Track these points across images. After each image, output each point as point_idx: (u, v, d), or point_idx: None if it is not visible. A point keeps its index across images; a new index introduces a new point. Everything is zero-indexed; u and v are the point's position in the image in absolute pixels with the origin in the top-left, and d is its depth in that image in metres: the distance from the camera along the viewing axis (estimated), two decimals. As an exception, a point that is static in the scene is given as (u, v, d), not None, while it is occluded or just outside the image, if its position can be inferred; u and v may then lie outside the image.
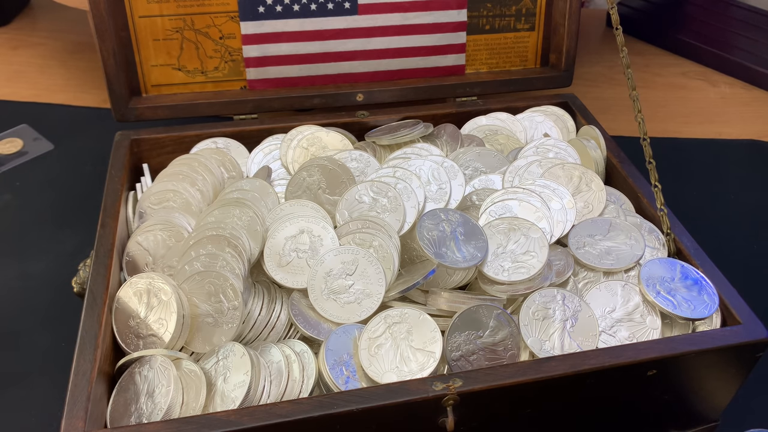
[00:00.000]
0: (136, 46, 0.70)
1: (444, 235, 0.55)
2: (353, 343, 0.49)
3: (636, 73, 0.80)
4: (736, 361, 0.50)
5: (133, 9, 0.68)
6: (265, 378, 0.47)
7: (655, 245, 0.58)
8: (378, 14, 0.73)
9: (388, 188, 0.59)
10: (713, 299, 0.52)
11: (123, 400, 0.46)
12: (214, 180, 0.63)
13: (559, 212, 0.59)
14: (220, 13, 0.71)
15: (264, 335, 0.52)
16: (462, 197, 0.61)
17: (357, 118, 0.71)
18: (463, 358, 0.49)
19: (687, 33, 1.05)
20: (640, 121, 0.59)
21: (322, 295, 0.52)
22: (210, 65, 0.73)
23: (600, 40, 1.11)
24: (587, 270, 0.56)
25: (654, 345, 0.47)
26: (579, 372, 0.45)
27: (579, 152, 0.67)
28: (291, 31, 0.72)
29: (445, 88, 0.76)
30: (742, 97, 0.97)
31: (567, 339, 0.50)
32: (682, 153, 0.86)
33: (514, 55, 0.79)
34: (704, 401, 0.53)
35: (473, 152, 0.66)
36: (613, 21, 0.59)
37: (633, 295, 0.53)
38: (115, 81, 0.68)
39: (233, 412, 0.42)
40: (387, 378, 0.47)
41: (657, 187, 0.58)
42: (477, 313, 0.50)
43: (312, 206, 0.59)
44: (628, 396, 0.50)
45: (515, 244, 0.55)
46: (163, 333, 0.48)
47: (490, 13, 0.77)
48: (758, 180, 0.83)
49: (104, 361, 0.47)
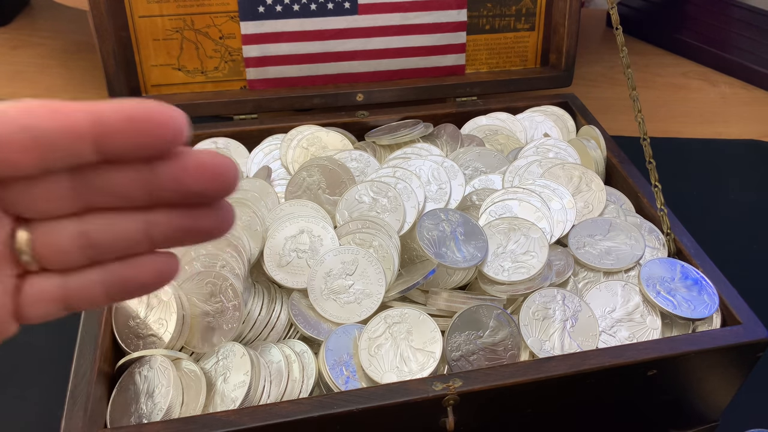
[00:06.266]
0: (136, 46, 0.70)
1: (444, 235, 0.55)
2: (353, 343, 0.49)
3: (636, 73, 0.80)
4: (736, 361, 0.50)
5: (133, 9, 0.68)
6: (265, 378, 0.47)
7: (655, 245, 0.58)
8: (378, 14, 0.73)
9: (388, 188, 0.59)
10: (713, 299, 0.52)
11: (123, 400, 0.46)
12: (214, 180, 0.63)
13: (559, 212, 0.59)
14: (220, 13, 0.71)
15: (264, 335, 0.52)
16: (462, 197, 0.61)
17: (357, 118, 0.71)
18: (463, 358, 0.49)
19: (687, 33, 1.05)
20: (640, 121, 0.59)
21: (322, 295, 0.52)
22: (210, 65, 0.73)
23: (600, 40, 1.11)
24: (587, 270, 0.56)
25: (654, 345, 0.47)
26: (579, 372, 0.45)
27: (579, 152, 0.67)
28: (291, 31, 0.72)
29: (445, 88, 0.76)
30: (742, 97, 0.97)
31: (567, 339, 0.50)
32: (682, 153, 0.86)
33: (514, 55, 0.79)
34: (704, 401, 0.53)
35: (473, 152, 0.66)
36: (613, 21, 0.59)
37: (633, 295, 0.53)
38: (115, 81, 0.68)
39: (233, 412, 0.42)
40: (387, 378, 0.47)
41: (657, 187, 0.58)
42: (477, 313, 0.50)
43: (312, 206, 0.59)
44: (628, 396, 0.50)
45: (515, 244, 0.55)
46: (163, 333, 0.48)
47: (490, 13, 0.77)
48: (758, 180, 0.83)
49: (104, 361, 0.47)
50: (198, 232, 0.25)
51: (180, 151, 0.24)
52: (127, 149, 0.23)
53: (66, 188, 0.24)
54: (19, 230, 0.25)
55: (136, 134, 0.23)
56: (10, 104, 0.23)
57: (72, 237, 0.25)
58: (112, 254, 0.26)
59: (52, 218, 0.25)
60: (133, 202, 0.25)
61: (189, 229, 0.25)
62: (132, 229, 0.25)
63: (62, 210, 0.25)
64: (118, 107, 0.23)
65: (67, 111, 0.23)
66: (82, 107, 0.23)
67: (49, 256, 0.25)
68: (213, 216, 0.25)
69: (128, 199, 0.25)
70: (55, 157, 0.23)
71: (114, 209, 0.25)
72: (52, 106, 0.23)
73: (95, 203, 0.25)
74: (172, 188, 0.24)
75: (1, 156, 0.22)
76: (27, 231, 0.25)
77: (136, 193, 0.24)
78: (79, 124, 0.23)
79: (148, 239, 0.25)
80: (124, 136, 0.23)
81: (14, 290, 0.26)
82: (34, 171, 0.23)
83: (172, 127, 0.23)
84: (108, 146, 0.23)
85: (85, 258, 0.26)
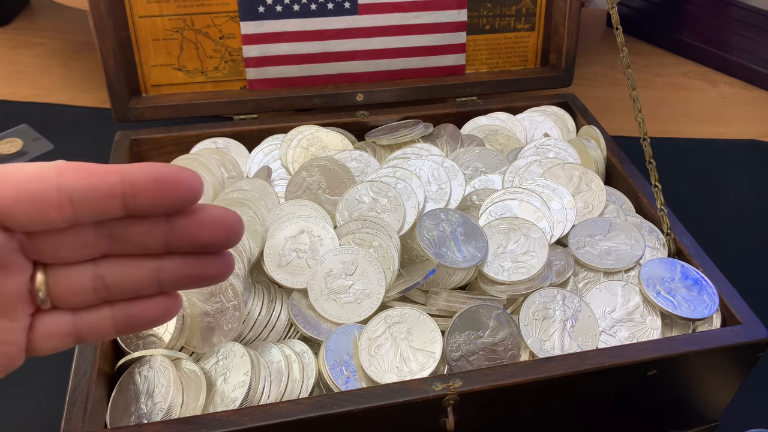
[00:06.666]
0: (136, 46, 0.70)
1: (444, 235, 0.55)
2: (353, 343, 0.49)
3: (636, 73, 0.80)
4: (736, 361, 0.50)
5: (133, 9, 0.68)
6: (265, 378, 0.47)
7: (655, 245, 0.58)
8: (378, 14, 0.73)
9: (388, 188, 0.59)
10: (713, 299, 0.52)
11: (123, 400, 0.46)
12: (214, 180, 0.63)
13: (559, 212, 0.59)
14: (220, 13, 0.71)
15: (264, 335, 0.52)
16: (462, 197, 0.61)
17: (357, 118, 0.71)
18: (463, 358, 0.49)
19: (687, 33, 1.05)
20: (640, 121, 0.59)
21: (322, 295, 0.52)
22: (210, 65, 0.73)
23: (600, 40, 1.11)
24: (587, 270, 0.56)
25: (654, 345, 0.47)
26: (579, 372, 0.45)
27: (579, 152, 0.67)
28: (291, 31, 0.72)
29: (445, 88, 0.76)
30: (742, 97, 0.97)
31: (567, 339, 0.50)
32: (682, 153, 0.86)
33: (514, 55, 0.79)
34: (704, 401, 0.53)
35: (473, 152, 0.66)
36: (613, 21, 0.59)
37: (633, 295, 0.53)
38: (115, 81, 0.68)
39: (233, 412, 0.42)
40: (387, 378, 0.47)
41: (657, 187, 0.58)
42: (477, 313, 0.50)
43: (312, 206, 0.59)
44: (628, 396, 0.50)
45: (515, 244, 0.55)
46: (163, 333, 0.48)
47: (490, 13, 0.77)
48: (758, 180, 0.83)
49: (104, 361, 0.47)
50: (202, 279, 0.28)
51: (195, 207, 0.27)
52: (152, 207, 0.26)
53: (89, 238, 0.27)
54: (38, 272, 0.27)
55: (161, 195, 0.26)
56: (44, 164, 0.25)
57: (87, 280, 0.27)
58: (123, 296, 0.28)
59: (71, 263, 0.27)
60: (149, 251, 0.27)
61: (195, 275, 0.28)
62: (145, 275, 0.28)
63: (83, 257, 0.27)
64: (145, 170, 0.26)
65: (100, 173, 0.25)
66: (113, 169, 0.25)
67: (65, 296, 0.27)
68: (217, 265, 0.28)
69: (146, 248, 0.27)
70: (86, 214, 0.25)
71: (129, 255, 0.27)
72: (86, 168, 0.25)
73: (113, 251, 0.27)
74: (187, 239, 0.27)
75: (38, 212, 0.25)
76: (43, 273, 0.27)
77: (154, 243, 0.27)
78: (110, 184, 0.25)
79: (157, 284, 0.28)
80: (150, 196, 0.26)
81: (29, 327, 0.28)
82: (65, 225, 0.25)
83: (191, 188, 0.26)
84: (135, 204, 0.26)
85: (98, 298, 0.28)
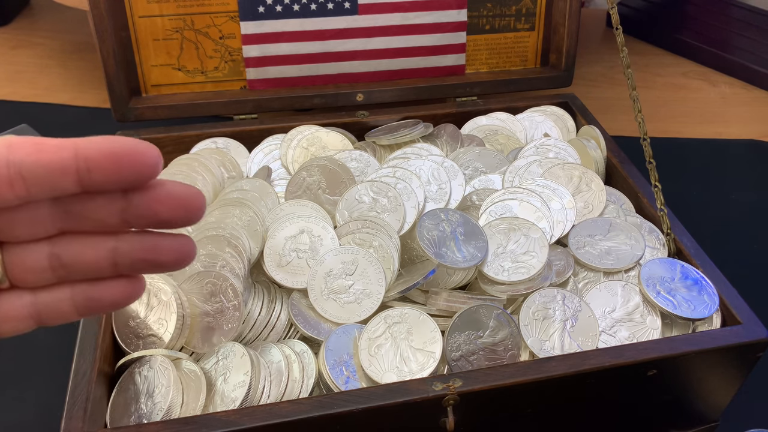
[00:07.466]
0: (136, 46, 0.70)
1: (444, 235, 0.55)
2: (353, 343, 0.49)
3: (636, 73, 0.80)
4: (736, 361, 0.50)
5: (133, 9, 0.68)
6: (265, 378, 0.47)
7: (655, 245, 0.58)
8: (378, 14, 0.73)
9: (388, 188, 0.59)
10: (713, 299, 0.52)
11: (123, 400, 0.46)
12: (214, 180, 0.63)
13: (559, 212, 0.59)
14: (220, 13, 0.71)
15: (264, 335, 0.52)
16: (462, 197, 0.61)
17: (357, 118, 0.71)
18: (463, 358, 0.49)
19: (687, 33, 1.05)
20: (640, 121, 0.59)
21: (322, 295, 0.52)
22: (210, 65, 0.73)
23: (600, 40, 1.11)
24: (587, 270, 0.56)
25: (654, 345, 0.47)
26: (579, 372, 0.45)
27: (579, 152, 0.67)
28: (291, 31, 0.72)
29: (445, 88, 0.76)
30: (742, 97, 0.97)
31: (567, 339, 0.50)
32: (682, 153, 0.86)
33: (514, 55, 0.79)
34: (704, 401, 0.53)
35: (473, 152, 0.66)
36: (613, 21, 0.59)
37: (633, 295, 0.53)
38: (115, 81, 0.68)
39: (233, 412, 0.42)
40: (387, 378, 0.47)
41: (657, 187, 0.58)
42: (477, 313, 0.50)
43: (312, 206, 0.59)
44: (628, 396, 0.50)
45: (515, 244, 0.55)
46: (163, 333, 0.48)
47: (490, 13, 0.77)
48: (758, 180, 0.83)
49: (104, 361, 0.47)
50: (158, 264, 0.28)
51: (153, 183, 0.26)
52: (108, 182, 0.25)
53: (45, 215, 0.26)
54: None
55: (117, 169, 0.25)
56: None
57: (44, 258, 0.27)
58: (80, 276, 0.27)
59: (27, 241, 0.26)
60: (105, 228, 0.27)
61: (151, 260, 0.27)
62: (100, 256, 0.27)
63: (39, 235, 0.26)
64: (100, 144, 0.25)
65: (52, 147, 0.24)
66: (66, 144, 0.24)
67: (21, 275, 0.27)
68: (174, 251, 0.27)
69: (103, 225, 0.26)
70: (39, 191, 0.25)
71: (85, 232, 0.27)
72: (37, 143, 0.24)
73: (70, 227, 0.27)
74: (145, 216, 0.26)
75: None
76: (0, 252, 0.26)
77: (111, 219, 0.26)
78: (64, 159, 0.24)
79: (113, 265, 0.27)
80: (105, 171, 0.25)
81: None
82: (18, 202, 0.25)
83: (149, 163, 0.25)
84: (90, 180, 0.25)
85: (56, 277, 0.27)
